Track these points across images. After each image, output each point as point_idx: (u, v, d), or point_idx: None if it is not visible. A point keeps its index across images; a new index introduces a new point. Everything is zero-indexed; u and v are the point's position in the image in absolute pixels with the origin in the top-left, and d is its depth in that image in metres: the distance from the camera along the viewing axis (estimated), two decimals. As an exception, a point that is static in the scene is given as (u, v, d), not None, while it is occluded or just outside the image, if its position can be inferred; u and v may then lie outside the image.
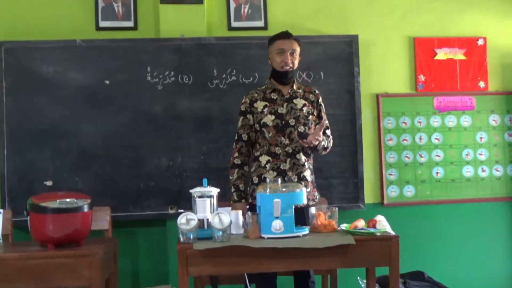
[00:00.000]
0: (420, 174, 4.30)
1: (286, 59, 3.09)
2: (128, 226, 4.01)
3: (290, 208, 2.65)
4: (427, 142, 4.33)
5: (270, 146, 3.10)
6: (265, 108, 3.12)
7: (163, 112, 4.01)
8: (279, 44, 3.11)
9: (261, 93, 3.18)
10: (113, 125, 3.97)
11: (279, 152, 3.09)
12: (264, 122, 3.10)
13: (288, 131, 3.09)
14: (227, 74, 4.07)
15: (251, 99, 3.16)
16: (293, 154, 3.10)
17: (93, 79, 3.98)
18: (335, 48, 4.15)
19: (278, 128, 3.09)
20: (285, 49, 3.09)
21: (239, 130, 3.16)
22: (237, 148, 3.14)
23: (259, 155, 3.12)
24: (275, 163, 3.08)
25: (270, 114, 3.11)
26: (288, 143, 3.09)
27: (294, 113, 3.12)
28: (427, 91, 4.34)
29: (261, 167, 3.10)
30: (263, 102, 3.14)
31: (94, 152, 3.95)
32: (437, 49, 4.36)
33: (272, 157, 3.09)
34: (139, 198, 3.96)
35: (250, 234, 2.68)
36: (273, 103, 3.14)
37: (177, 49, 4.03)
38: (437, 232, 4.30)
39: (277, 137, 3.09)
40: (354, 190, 4.12)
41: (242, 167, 3.12)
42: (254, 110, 3.14)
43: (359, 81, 4.15)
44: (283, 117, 3.11)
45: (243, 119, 3.16)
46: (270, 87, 3.18)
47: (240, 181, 3.10)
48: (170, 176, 3.98)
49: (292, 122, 3.11)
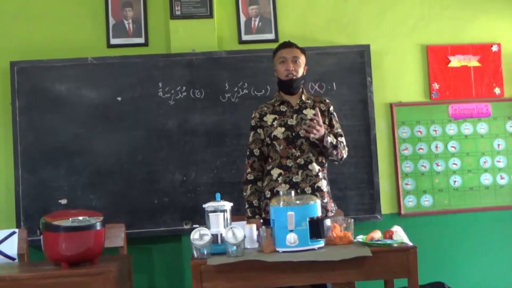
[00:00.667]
0: (437, 183, 4.25)
1: (288, 67, 3.10)
2: (143, 242, 4.00)
3: (305, 221, 2.63)
4: (444, 151, 4.28)
5: (281, 158, 3.09)
6: (274, 121, 3.12)
7: (175, 127, 4.01)
8: (281, 53, 3.15)
9: (270, 106, 3.18)
10: (126, 142, 3.98)
11: (290, 165, 3.08)
12: (274, 135, 3.10)
13: (299, 142, 3.09)
14: (238, 87, 4.07)
15: (260, 113, 3.17)
16: (305, 165, 3.08)
17: (105, 96, 4.00)
18: (347, 58, 4.14)
19: (288, 140, 3.09)
20: (287, 57, 3.11)
21: (250, 145, 3.17)
22: (249, 163, 3.14)
23: (271, 168, 3.12)
24: (287, 175, 3.07)
25: (280, 127, 3.11)
26: (300, 155, 3.08)
27: (304, 124, 3.10)
28: (442, 99, 4.30)
29: (273, 181, 3.09)
30: (272, 115, 3.15)
31: (108, 169, 3.96)
32: (451, 57, 4.32)
33: (284, 170, 3.08)
34: (154, 214, 3.96)
35: (264, 248, 2.65)
36: (282, 115, 3.14)
37: (188, 64, 4.04)
38: (456, 242, 4.24)
39: (288, 149, 3.09)
40: (370, 201, 4.08)
41: (255, 183, 3.12)
42: (264, 124, 3.14)
43: (372, 91, 4.13)
44: (293, 128, 3.10)
45: (253, 133, 3.17)
46: (279, 99, 3.19)
47: (253, 197, 3.10)
48: (184, 191, 3.98)
49: (303, 133, 3.09)
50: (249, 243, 2.75)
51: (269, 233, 2.65)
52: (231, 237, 2.59)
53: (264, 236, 2.65)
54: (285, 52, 3.13)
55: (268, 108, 3.17)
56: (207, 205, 2.75)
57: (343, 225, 2.78)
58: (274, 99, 3.21)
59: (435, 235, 4.21)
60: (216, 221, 2.71)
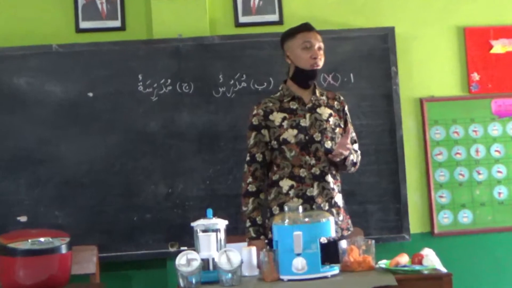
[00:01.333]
0: (478, 196, 4.24)
1: (315, 53, 3.08)
2: (120, 268, 4.00)
3: (315, 243, 2.60)
4: (486, 156, 4.27)
5: (293, 167, 3.06)
6: (284, 121, 3.09)
7: (159, 129, 4.01)
8: (304, 36, 3.10)
9: (276, 102, 3.14)
10: (100, 147, 3.98)
11: (304, 175, 3.06)
12: (284, 138, 3.07)
13: (313, 148, 3.07)
14: (235, 80, 4.06)
15: (265, 110, 3.13)
16: (321, 176, 3.07)
17: (74, 92, 3.99)
18: (366, 44, 4.13)
19: (301, 145, 3.06)
20: (313, 42, 3.09)
21: (251, 149, 3.13)
22: (251, 171, 3.11)
23: (279, 179, 3.09)
24: (300, 188, 3.06)
25: (292, 128, 3.08)
26: (315, 163, 3.06)
27: (319, 126, 3.09)
28: (483, 92, 4.30)
29: (282, 194, 3.07)
30: (280, 113, 3.11)
31: (78, 180, 3.96)
32: (493, 41, 4.31)
33: (296, 181, 3.06)
34: (133, 234, 3.95)
35: (266, 276, 2.63)
36: (293, 114, 3.11)
37: (174, 52, 4.04)
38: (501, 268, 4.23)
39: (301, 156, 3.06)
40: (396, 217, 4.06)
41: (257, 195, 3.10)
42: (270, 124, 3.11)
43: (398, 83, 4.12)
44: (306, 131, 3.08)
45: (256, 135, 3.12)
46: (288, 94, 3.14)
47: (257, 212, 3.08)
48: (169, 206, 3.98)
49: (318, 137, 3.08)
50: (247, 269, 2.73)
51: (272, 257, 2.63)
52: (225, 262, 2.58)
53: (265, 261, 2.63)
54: (309, 36, 3.10)
55: (274, 104, 3.13)
56: (197, 224, 2.74)
57: (362, 247, 2.75)
58: (281, 93, 3.17)
59: (475, 259, 4.20)
60: (207, 243, 2.69)
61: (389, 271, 2.65)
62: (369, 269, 2.71)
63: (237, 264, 2.57)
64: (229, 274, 2.57)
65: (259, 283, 2.60)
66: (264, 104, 3.15)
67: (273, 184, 3.11)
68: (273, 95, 3.21)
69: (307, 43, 3.08)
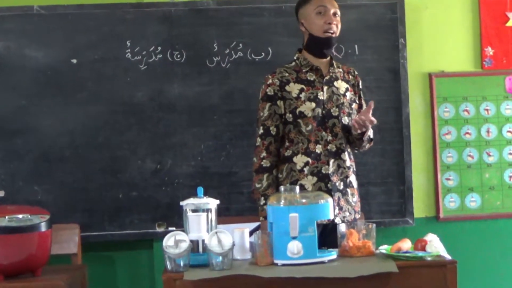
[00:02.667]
0: (487, 179, 4.26)
1: (330, 19, 3.10)
2: (103, 249, 4.02)
3: (312, 225, 2.62)
4: (497, 136, 4.29)
5: (309, 143, 3.09)
6: (301, 93, 3.11)
7: (147, 100, 4.01)
8: (319, 1, 3.12)
9: (293, 73, 3.15)
10: (83, 118, 3.98)
11: (319, 151, 3.08)
12: (301, 111, 3.09)
13: (330, 123, 3.10)
14: (231, 49, 4.06)
15: (281, 80, 3.13)
16: (337, 153, 3.11)
17: (56, 58, 3.99)
18: (373, 13, 4.13)
19: (318, 119, 3.09)
20: (328, 7, 3.11)
21: (265, 121, 3.12)
22: (265, 145, 3.11)
23: (292, 154, 3.11)
24: (315, 165, 3.08)
25: (309, 101, 3.10)
26: (332, 139, 3.10)
27: (336, 100, 3.12)
28: (497, 68, 4.30)
29: (295, 171, 3.09)
30: (298, 84, 3.13)
31: (59, 154, 3.96)
32: (510, 13, 4.31)
33: (312, 158, 3.09)
34: (118, 212, 3.97)
35: (259, 260, 2.65)
36: (310, 86, 3.13)
37: (166, 17, 4.03)
38: (510, 255, 4.26)
39: (317, 131, 3.09)
40: (399, 200, 4.09)
41: (272, 171, 3.11)
42: (286, 95, 3.11)
43: (406, 56, 4.13)
44: (323, 104, 3.10)
45: (270, 106, 3.12)
46: (306, 64, 3.15)
47: (272, 190, 3.07)
48: (157, 183, 3.99)
49: (335, 112, 3.11)
50: (239, 252, 2.75)
51: (266, 240, 2.65)
52: (215, 244, 2.59)
53: (258, 244, 2.64)
54: (325, 1, 3.12)
55: (290, 75, 3.14)
56: (186, 203, 2.75)
57: (362, 231, 2.77)
58: (296, 62, 3.18)
59: (482, 246, 4.23)
60: (197, 224, 2.70)
61: (390, 257, 2.67)
62: (368, 254, 2.73)
63: (229, 247, 2.58)
64: (219, 257, 2.58)
65: (251, 267, 2.62)
66: (280, 73, 3.15)
67: (285, 160, 3.12)
68: (288, 64, 3.21)
69: (321, 8, 3.10)
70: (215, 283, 2.54)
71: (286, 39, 4.02)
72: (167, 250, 2.59)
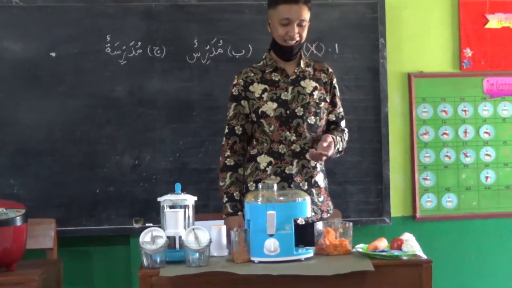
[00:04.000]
0: (464, 179, 4.29)
1: (291, 32, 3.06)
2: (80, 244, 4.00)
3: (289, 223, 2.62)
4: (475, 137, 4.31)
5: (272, 143, 3.09)
6: (264, 93, 3.11)
7: (126, 95, 4.00)
8: (284, 11, 3.06)
9: (258, 73, 3.16)
10: (61, 112, 3.96)
11: (283, 151, 3.08)
12: (263, 111, 3.09)
13: (295, 123, 3.09)
14: (211, 45, 4.05)
15: (245, 80, 3.14)
16: (301, 153, 3.09)
17: (34, 51, 3.96)
18: (354, 12, 4.14)
19: (281, 119, 3.08)
20: (292, 19, 3.06)
21: (230, 121, 3.15)
22: (229, 144, 3.13)
23: (257, 154, 3.12)
24: (278, 165, 3.08)
25: (271, 101, 3.10)
26: (295, 140, 3.09)
27: (302, 100, 3.11)
28: (475, 70, 4.33)
29: (259, 170, 3.10)
30: (261, 84, 3.13)
31: (36, 147, 3.94)
32: (489, 15, 4.33)
33: (275, 158, 3.09)
34: (95, 207, 3.96)
35: (236, 257, 2.65)
36: (274, 86, 3.13)
37: (146, 13, 4.02)
38: (485, 255, 4.29)
39: (281, 131, 3.08)
40: (377, 199, 4.11)
41: (236, 170, 3.12)
42: (249, 95, 3.12)
43: (386, 56, 4.15)
44: (287, 104, 3.10)
45: (235, 106, 3.14)
46: (271, 64, 3.16)
47: (234, 188, 3.09)
48: (135, 179, 3.99)
49: (300, 112, 3.09)
50: (216, 249, 2.75)
51: (243, 237, 2.65)
52: (192, 241, 2.58)
53: (236, 241, 2.64)
54: (290, 11, 3.05)
55: (255, 75, 3.15)
56: (164, 199, 2.74)
57: (339, 230, 2.78)
58: (264, 62, 3.18)
59: (458, 245, 4.26)
60: (174, 220, 2.69)
61: (366, 255, 2.68)
62: (345, 253, 2.74)
63: (205, 244, 2.58)
64: (196, 254, 2.58)
65: (228, 264, 2.61)
66: (245, 73, 3.16)
67: (251, 159, 3.13)
68: (256, 63, 3.21)
69: (285, 19, 3.05)
70: (192, 279, 2.54)
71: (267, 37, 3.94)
72: (144, 246, 2.58)
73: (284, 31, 3.06)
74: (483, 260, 4.29)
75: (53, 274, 3.06)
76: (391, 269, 2.62)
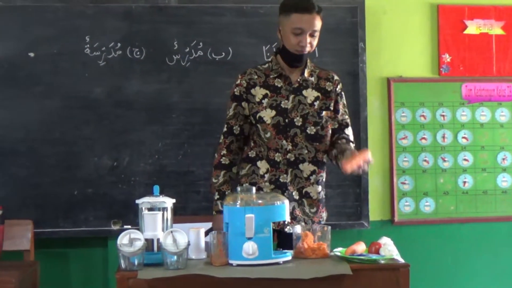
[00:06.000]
0: (442, 184, 4.31)
1: (304, 42, 3.01)
2: (57, 246, 3.99)
3: (268, 227, 2.62)
4: (453, 142, 4.34)
5: (269, 150, 3.08)
6: (264, 99, 3.09)
7: (105, 96, 3.99)
8: (298, 20, 3.01)
9: (262, 76, 3.12)
10: (39, 112, 3.95)
11: (279, 160, 3.07)
12: (260, 116, 3.08)
13: (292, 132, 3.07)
14: (191, 48, 4.06)
15: (248, 82, 3.10)
16: (295, 163, 3.08)
17: (12, 51, 3.95)
18: (334, 16, 4.15)
19: (279, 128, 3.07)
20: (305, 29, 3.01)
21: (229, 120, 3.13)
22: (226, 143, 3.12)
23: (256, 157, 3.10)
24: (274, 173, 3.08)
25: (270, 108, 3.08)
26: (291, 149, 3.07)
27: (302, 109, 3.08)
28: (454, 75, 4.35)
29: (257, 175, 3.09)
30: (263, 89, 3.10)
31: (12, 148, 3.92)
32: (468, 21, 4.36)
33: (271, 165, 3.08)
34: (72, 209, 3.95)
35: (214, 260, 2.65)
36: (275, 93, 3.09)
37: (126, 14, 4.02)
38: (463, 259, 4.32)
39: (278, 139, 3.07)
40: (355, 203, 4.13)
41: (230, 169, 3.11)
42: (250, 98, 3.10)
43: (365, 60, 4.17)
44: (287, 113, 3.08)
45: (236, 106, 3.12)
46: (276, 69, 3.12)
47: (227, 186, 3.09)
48: (113, 181, 3.98)
49: (299, 122, 3.08)
50: (194, 252, 2.74)
51: (221, 240, 2.64)
52: (170, 243, 2.57)
53: (214, 244, 2.64)
54: (303, 21, 3.00)
55: (259, 78, 3.11)
56: (142, 201, 2.73)
57: (317, 233, 2.78)
58: (269, 65, 3.14)
59: (435, 249, 4.28)
60: (152, 222, 2.68)
61: (344, 259, 2.68)
62: (323, 256, 2.74)
63: (183, 246, 2.57)
64: (174, 257, 2.57)
65: (206, 267, 2.61)
66: (249, 75, 3.12)
67: (249, 160, 3.12)
68: (261, 65, 3.17)
69: (297, 29, 3.00)
70: (169, 282, 2.53)
71: (247, 40, 4.04)
72: (122, 248, 2.56)
73: (296, 40, 3.01)
74: (460, 264, 4.32)
75: (30, 276, 3.04)
76: (368, 273, 2.62)
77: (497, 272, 4.34)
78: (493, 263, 4.33)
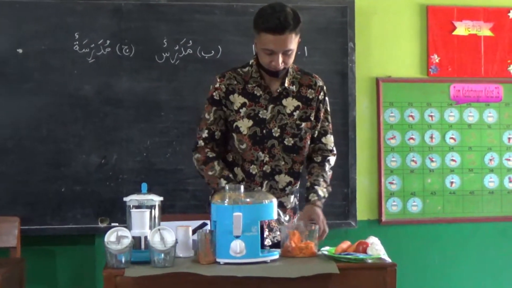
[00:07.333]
0: (429, 184, 4.33)
1: (275, 61, 2.85)
2: (44, 243, 3.98)
3: (256, 225, 2.61)
4: (440, 142, 4.36)
5: (244, 162, 2.99)
6: (242, 108, 2.95)
7: (94, 93, 3.99)
8: (267, 41, 2.82)
9: (241, 82, 2.96)
10: (27, 109, 3.94)
11: (254, 172, 2.98)
12: (237, 126, 2.95)
13: (269, 144, 2.96)
14: (180, 45, 4.05)
15: (227, 88, 2.95)
16: (271, 174, 2.99)
17: (1, 47, 3.94)
18: (324, 16, 4.16)
19: (255, 139, 2.95)
20: (276, 50, 2.84)
21: (211, 126, 2.97)
22: (208, 147, 2.97)
23: (233, 163, 3.00)
24: (249, 184, 2.96)
25: (248, 118, 2.95)
26: (268, 161, 2.97)
27: (280, 120, 2.96)
28: (442, 76, 4.38)
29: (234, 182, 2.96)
30: (241, 97, 2.95)
31: (1, 145, 3.92)
32: (457, 22, 4.38)
33: (247, 177, 2.98)
34: (60, 206, 3.94)
35: (201, 258, 2.63)
36: (254, 101, 2.95)
37: (116, 11, 4.01)
38: (450, 259, 4.34)
39: (254, 151, 2.96)
40: (343, 202, 4.14)
41: (220, 159, 2.96)
42: (228, 105, 2.95)
43: (354, 60, 4.17)
44: (265, 124, 2.96)
45: (216, 110, 2.96)
46: (255, 78, 2.96)
47: (227, 171, 2.93)
48: (101, 178, 3.98)
49: (277, 133, 2.96)
50: (181, 250, 2.72)
51: (209, 238, 2.63)
52: (158, 241, 2.56)
53: (201, 242, 2.63)
54: (275, 43, 2.80)
55: (238, 84, 2.95)
56: (130, 199, 2.70)
57: (305, 232, 2.76)
58: (249, 69, 2.97)
59: (422, 249, 4.30)
60: (140, 220, 2.67)
61: (331, 258, 2.68)
62: (311, 255, 2.73)
63: (171, 244, 2.56)
64: (161, 255, 2.56)
65: (193, 265, 2.60)
66: (228, 79, 2.95)
67: (227, 164, 3.00)
68: (241, 68, 2.99)
69: (268, 50, 2.83)
70: (157, 280, 2.52)
71: (236, 38, 4.04)
72: (109, 246, 2.55)
73: (268, 60, 2.85)
74: (447, 264, 4.34)
75: (16, 273, 3.02)
76: (356, 272, 2.62)
77: (484, 272, 4.36)
78: (479, 263, 4.36)
